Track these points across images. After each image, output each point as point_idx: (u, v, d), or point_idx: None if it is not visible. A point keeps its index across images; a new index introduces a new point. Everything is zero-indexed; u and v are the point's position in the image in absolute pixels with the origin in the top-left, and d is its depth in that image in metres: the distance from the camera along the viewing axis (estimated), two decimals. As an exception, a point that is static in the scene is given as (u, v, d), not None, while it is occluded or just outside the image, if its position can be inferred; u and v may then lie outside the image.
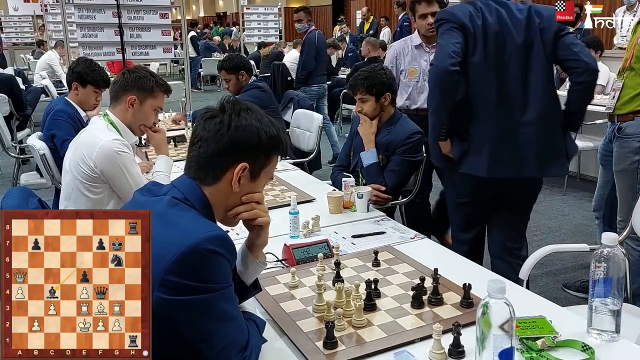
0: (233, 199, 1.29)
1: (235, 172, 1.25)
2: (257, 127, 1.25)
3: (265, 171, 1.30)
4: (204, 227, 1.15)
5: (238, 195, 1.29)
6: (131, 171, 2.21)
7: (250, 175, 1.27)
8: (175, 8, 10.80)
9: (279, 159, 1.37)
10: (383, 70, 2.70)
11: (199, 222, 1.18)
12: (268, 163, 1.30)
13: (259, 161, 1.27)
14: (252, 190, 1.30)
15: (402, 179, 2.72)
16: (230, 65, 3.67)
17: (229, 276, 1.18)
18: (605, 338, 1.33)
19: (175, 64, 15.08)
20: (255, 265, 1.39)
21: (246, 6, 11.58)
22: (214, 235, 1.13)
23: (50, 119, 3.10)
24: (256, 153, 1.26)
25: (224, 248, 1.15)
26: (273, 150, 1.30)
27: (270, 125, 1.29)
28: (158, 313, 1.05)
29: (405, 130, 2.68)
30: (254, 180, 1.29)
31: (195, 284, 1.09)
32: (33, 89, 7.43)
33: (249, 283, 1.40)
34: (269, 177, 1.34)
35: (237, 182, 1.26)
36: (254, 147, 1.25)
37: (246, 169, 1.25)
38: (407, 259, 1.82)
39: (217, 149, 1.24)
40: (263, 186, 1.35)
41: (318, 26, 7.19)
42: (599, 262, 1.31)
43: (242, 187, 1.27)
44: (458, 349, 1.27)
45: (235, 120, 1.24)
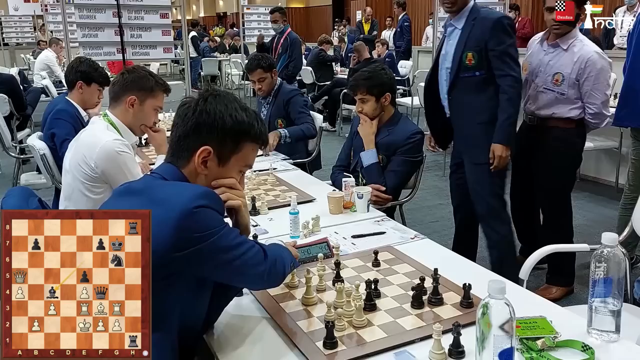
0: (201, 182, 1.31)
1: (197, 154, 1.28)
2: (221, 111, 1.29)
3: (236, 157, 1.32)
4: (185, 191, 1.21)
5: (208, 180, 1.32)
6: (132, 171, 2.21)
7: (217, 159, 1.30)
8: (176, 8, 10.82)
9: (257, 149, 1.38)
10: (384, 71, 2.71)
11: (179, 187, 1.25)
12: (238, 149, 1.32)
13: (226, 145, 1.30)
14: (222, 175, 1.32)
15: (402, 179, 2.72)
16: (266, 63, 3.55)
17: (221, 220, 1.24)
18: (605, 338, 1.33)
19: (175, 64, 15.07)
20: None
21: (246, 6, 11.58)
22: (197, 192, 1.20)
23: (52, 118, 3.09)
24: (221, 137, 1.29)
25: (208, 200, 1.21)
26: (242, 135, 1.31)
27: (238, 110, 1.31)
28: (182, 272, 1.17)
29: (405, 130, 2.68)
30: (222, 164, 1.31)
31: (199, 234, 1.17)
32: (33, 89, 7.43)
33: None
34: (244, 164, 1.36)
35: (202, 165, 1.29)
36: (217, 130, 1.28)
37: (210, 152, 1.29)
38: (407, 259, 1.81)
39: (184, 132, 1.31)
40: (238, 173, 1.37)
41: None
42: (599, 262, 1.31)
43: (210, 170, 1.31)
44: (458, 349, 1.27)
45: (201, 105, 1.30)
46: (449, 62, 2.78)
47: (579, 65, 2.85)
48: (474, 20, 2.69)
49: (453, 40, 2.77)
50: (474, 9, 2.74)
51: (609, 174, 4.94)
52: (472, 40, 2.67)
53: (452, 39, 2.77)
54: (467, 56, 2.68)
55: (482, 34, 2.65)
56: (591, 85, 2.88)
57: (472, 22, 2.69)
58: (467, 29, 2.70)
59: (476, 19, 2.69)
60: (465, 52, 2.68)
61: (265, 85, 3.58)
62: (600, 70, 2.88)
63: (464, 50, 2.69)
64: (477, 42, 2.66)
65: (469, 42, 2.68)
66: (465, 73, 2.71)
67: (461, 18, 2.73)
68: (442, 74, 2.87)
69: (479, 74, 2.70)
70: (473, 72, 2.70)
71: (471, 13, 2.72)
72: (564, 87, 2.89)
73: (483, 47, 2.65)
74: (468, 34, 2.69)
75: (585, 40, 2.96)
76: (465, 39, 2.69)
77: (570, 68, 2.86)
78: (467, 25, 2.70)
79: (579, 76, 2.87)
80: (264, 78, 3.55)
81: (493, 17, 2.71)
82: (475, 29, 2.67)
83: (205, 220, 1.18)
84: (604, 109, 2.95)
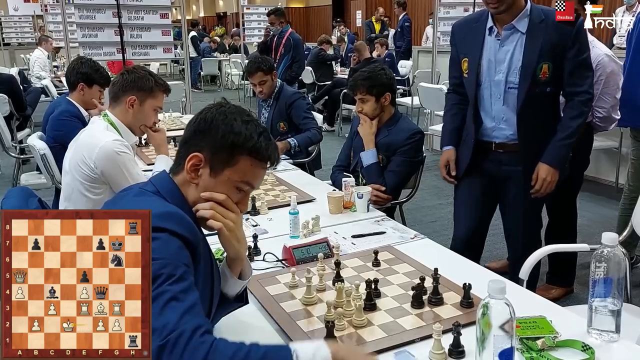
0: (192, 192, 1.25)
1: (187, 160, 1.23)
2: (217, 120, 1.23)
3: (230, 170, 1.22)
4: (152, 206, 1.07)
5: (199, 190, 1.24)
6: (131, 172, 2.22)
7: (209, 169, 1.22)
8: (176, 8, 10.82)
9: (258, 166, 1.25)
10: (383, 71, 2.70)
11: (153, 203, 1.16)
12: (233, 162, 1.22)
13: (219, 155, 1.22)
14: (214, 188, 1.23)
15: (402, 179, 2.72)
16: (266, 66, 3.50)
17: (172, 253, 1.07)
18: (605, 338, 1.33)
19: (175, 64, 15.08)
20: (233, 280, 1.33)
21: (246, 6, 11.59)
22: (158, 212, 1.07)
23: (57, 120, 3.07)
24: (215, 147, 1.22)
25: (165, 223, 1.08)
26: (236, 147, 1.21)
27: (238, 121, 1.23)
28: None
29: (405, 130, 2.68)
30: (214, 175, 1.22)
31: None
32: (33, 89, 7.43)
33: (231, 296, 1.36)
34: (240, 180, 1.23)
35: (192, 173, 1.23)
36: (211, 138, 1.22)
37: (202, 160, 1.22)
38: (407, 258, 1.82)
39: (183, 139, 1.28)
40: (235, 190, 1.25)
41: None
42: (599, 262, 1.31)
43: (202, 180, 1.23)
44: (458, 349, 1.27)
45: (203, 113, 1.27)
46: (507, 73, 2.26)
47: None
48: (543, 23, 2.20)
49: (511, 46, 2.25)
50: (535, 8, 2.25)
51: (609, 174, 4.94)
52: (547, 47, 2.18)
53: (510, 44, 2.25)
54: (542, 68, 2.19)
55: (562, 40, 2.19)
56: (601, 88, 2.82)
57: (542, 25, 2.20)
58: (538, 33, 2.20)
59: (545, 21, 2.20)
60: (541, 64, 2.19)
61: (266, 88, 3.55)
62: (610, 74, 2.84)
63: (539, 61, 2.19)
64: (554, 51, 2.19)
65: (544, 51, 2.19)
66: (537, 88, 2.23)
67: (522, 19, 2.22)
68: (488, 85, 2.32)
69: (550, 89, 2.26)
70: (544, 88, 2.24)
71: (534, 13, 2.22)
72: None
73: (560, 55, 2.20)
74: (542, 41, 2.19)
75: (596, 42, 2.91)
76: (539, 47, 2.18)
77: None
78: (536, 28, 2.20)
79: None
80: (264, 81, 3.52)
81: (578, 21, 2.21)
82: (550, 34, 2.18)
83: (156, 246, 1.03)
84: (613, 112, 2.92)
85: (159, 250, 1.04)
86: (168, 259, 1.05)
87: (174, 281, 1.03)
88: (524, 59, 2.21)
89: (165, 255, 1.05)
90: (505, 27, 2.24)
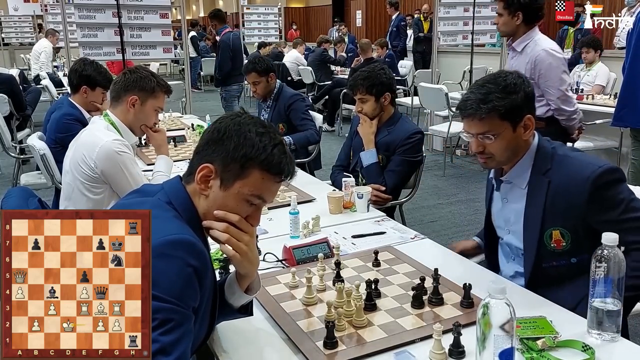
0: (202, 204, 1.22)
1: (197, 170, 1.21)
2: (232, 131, 1.19)
3: (241, 183, 1.18)
4: (164, 231, 1.07)
5: (208, 202, 1.21)
6: (131, 171, 2.22)
7: (220, 181, 1.19)
8: (175, 8, 10.82)
9: (270, 180, 1.21)
10: (383, 70, 2.70)
11: (166, 224, 1.12)
12: (244, 174, 1.18)
13: (230, 168, 1.18)
14: (225, 201, 1.20)
15: (402, 179, 2.72)
16: (262, 67, 3.48)
17: (177, 290, 1.06)
18: (605, 338, 1.33)
19: (175, 64, 15.08)
20: (239, 294, 1.33)
21: (246, 6, 11.61)
22: (165, 240, 1.06)
23: (58, 122, 3.05)
24: (227, 158, 1.18)
25: (175, 251, 1.07)
26: (248, 159, 1.17)
27: (252, 132, 1.19)
28: None
29: (405, 130, 2.68)
30: (224, 188, 1.19)
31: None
32: (33, 89, 7.44)
33: (236, 307, 1.36)
34: (251, 193, 1.20)
35: (202, 184, 1.20)
36: (223, 149, 1.19)
37: (212, 171, 1.19)
38: (408, 259, 1.81)
39: (197, 148, 1.26)
40: (246, 204, 1.21)
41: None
42: (599, 262, 1.31)
43: (211, 192, 1.20)
44: (458, 349, 1.27)
45: (217, 123, 1.24)
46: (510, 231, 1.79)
47: (530, 64, 2.99)
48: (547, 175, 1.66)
49: (516, 204, 1.74)
50: (543, 152, 1.69)
51: (609, 174, 4.93)
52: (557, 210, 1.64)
53: (514, 201, 1.75)
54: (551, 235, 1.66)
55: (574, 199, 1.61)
56: (544, 82, 2.99)
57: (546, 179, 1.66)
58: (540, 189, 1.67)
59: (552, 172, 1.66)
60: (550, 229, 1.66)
61: (260, 89, 3.56)
62: (549, 67, 2.98)
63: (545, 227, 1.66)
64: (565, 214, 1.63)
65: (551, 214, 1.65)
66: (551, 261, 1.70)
67: (522, 170, 1.70)
68: (504, 243, 1.86)
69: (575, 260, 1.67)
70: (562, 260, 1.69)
71: (539, 159, 1.69)
72: None
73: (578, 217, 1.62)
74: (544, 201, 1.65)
75: (540, 39, 3.06)
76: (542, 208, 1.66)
77: (524, 68, 2.98)
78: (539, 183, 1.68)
79: (532, 75, 2.97)
80: (258, 82, 3.52)
81: (591, 171, 1.58)
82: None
83: (156, 275, 1.01)
84: (563, 104, 3.03)
85: (164, 287, 1.04)
86: (169, 299, 1.04)
87: (166, 330, 1.03)
88: (524, 223, 1.71)
89: (169, 291, 1.05)
90: (502, 178, 1.76)
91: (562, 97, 3.01)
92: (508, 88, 1.59)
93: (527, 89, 1.62)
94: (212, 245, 1.30)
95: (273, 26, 11.28)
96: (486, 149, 1.65)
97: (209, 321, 1.29)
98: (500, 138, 1.62)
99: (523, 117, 1.62)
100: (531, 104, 1.65)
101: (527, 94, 1.62)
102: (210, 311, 1.28)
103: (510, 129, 1.62)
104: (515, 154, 1.68)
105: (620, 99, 3.29)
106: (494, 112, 1.59)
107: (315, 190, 2.58)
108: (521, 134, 1.64)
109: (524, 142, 1.67)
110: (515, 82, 1.61)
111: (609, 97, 4.99)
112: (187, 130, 4.06)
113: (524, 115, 1.62)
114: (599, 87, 5.46)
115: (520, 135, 1.64)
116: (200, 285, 1.12)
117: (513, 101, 1.59)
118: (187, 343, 1.08)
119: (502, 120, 1.60)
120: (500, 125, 1.61)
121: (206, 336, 1.32)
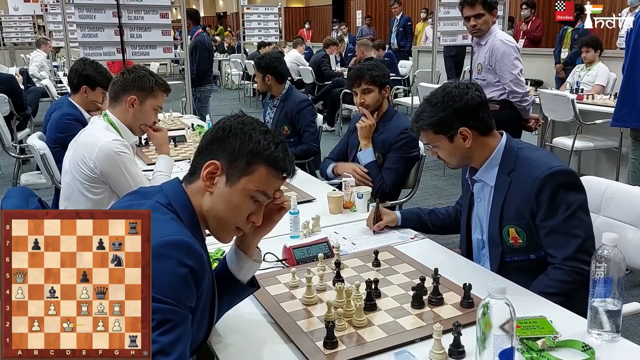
0: (206, 202, 1.24)
1: (203, 167, 1.23)
2: (237, 129, 1.23)
3: (247, 179, 1.22)
4: (161, 233, 1.08)
5: (213, 199, 1.23)
6: (131, 172, 2.21)
7: (226, 177, 1.22)
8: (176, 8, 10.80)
9: (274, 177, 1.25)
10: (384, 65, 2.83)
11: (163, 226, 1.12)
12: (249, 170, 1.22)
13: (236, 164, 1.22)
14: (229, 197, 1.22)
15: (399, 176, 2.75)
16: (260, 64, 3.52)
17: (173, 290, 1.07)
18: (605, 338, 1.33)
19: (175, 64, 15.07)
20: (250, 264, 1.38)
21: (246, 6, 11.60)
22: (161, 241, 1.06)
23: (58, 122, 3.05)
24: (233, 155, 1.22)
25: (170, 252, 1.08)
26: (254, 155, 1.22)
27: (256, 131, 1.24)
28: None
29: (398, 126, 2.72)
30: (230, 184, 1.22)
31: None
32: (33, 89, 7.45)
33: (245, 281, 1.39)
34: (255, 189, 1.23)
35: (208, 181, 1.22)
36: (229, 146, 1.22)
37: (219, 167, 1.22)
38: (408, 259, 1.81)
39: (199, 148, 1.28)
40: (250, 200, 1.24)
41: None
42: (599, 262, 1.31)
43: (216, 189, 1.23)
44: (458, 349, 1.27)
45: (220, 122, 1.28)
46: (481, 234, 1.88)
47: (488, 54, 3.58)
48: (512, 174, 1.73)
49: (485, 204, 1.83)
50: (508, 151, 1.76)
51: (609, 174, 4.94)
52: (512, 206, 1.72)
53: (484, 201, 1.84)
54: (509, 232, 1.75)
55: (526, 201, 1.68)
56: (499, 67, 3.55)
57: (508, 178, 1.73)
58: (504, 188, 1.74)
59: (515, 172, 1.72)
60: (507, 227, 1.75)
61: (259, 84, 3.62)
62: (503, 54, 3.53)
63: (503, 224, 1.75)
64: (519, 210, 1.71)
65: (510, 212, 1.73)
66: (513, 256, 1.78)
67: (489, 168, 1.77)
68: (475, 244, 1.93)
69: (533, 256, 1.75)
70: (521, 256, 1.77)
71: (506, 159, 1.76)
72: (484, 74, 3.65)
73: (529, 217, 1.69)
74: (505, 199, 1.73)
75: (499, 33, 3.63)
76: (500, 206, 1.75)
77: (484, 57, 3.62)
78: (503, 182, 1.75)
79: (490, 62, 3.58)
80: (256, 75, 3.59)
81: (539, 172, 1.65)
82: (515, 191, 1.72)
83: (153, 276, 1.00)
84: (516, 86, 3.57)
85: (160, 287, 1.04)
86: (166, 299, 1.05)
87: (165, 330, 1.04)
88: (489, 220, 1.80)
89: (165, 292, 1.05)
90: (474, 177, 1.83)
91: (514, 80, 3.54)
92: (437, 106, 1.72)
93: (457, 104, 1.70)
94: (212, 246, 1.30)
95: (273, 26, 11.29)
96: (439, 155, 1.81)
97: (208, 322, 1.31)
98: (441, 148, 1.77)
99: (456, 129, 1.72)
100: (465, 117, 1.71)
101: (456, 109, 1.70)
102: (209, 312, 1.29)
103: (446, 141, 1.74)
104: (467, 158, 1.79)
105: (620, 99, 3.29)
106: (426, 127, 1.75)
107: (315, 190, 2.58)
108: (461, 144, 1.74)
109: (468, 149, 1.74)
110: (445, 100, 1.71)
111: (609, 97, 4.98)
112: (187, 130, 4.06)
113: (457, 128, 1.72)
114: (599, 87, 5.46)
115: (460, 144, 1.74)
116: (197, 285, 1.13)
117: (441, 118, 1.71)
118: (185, 343, 1.09)
119: (435, 134, 1.75)
120: (436, 138, 1.76)
121: (205, 337, 1.33)
